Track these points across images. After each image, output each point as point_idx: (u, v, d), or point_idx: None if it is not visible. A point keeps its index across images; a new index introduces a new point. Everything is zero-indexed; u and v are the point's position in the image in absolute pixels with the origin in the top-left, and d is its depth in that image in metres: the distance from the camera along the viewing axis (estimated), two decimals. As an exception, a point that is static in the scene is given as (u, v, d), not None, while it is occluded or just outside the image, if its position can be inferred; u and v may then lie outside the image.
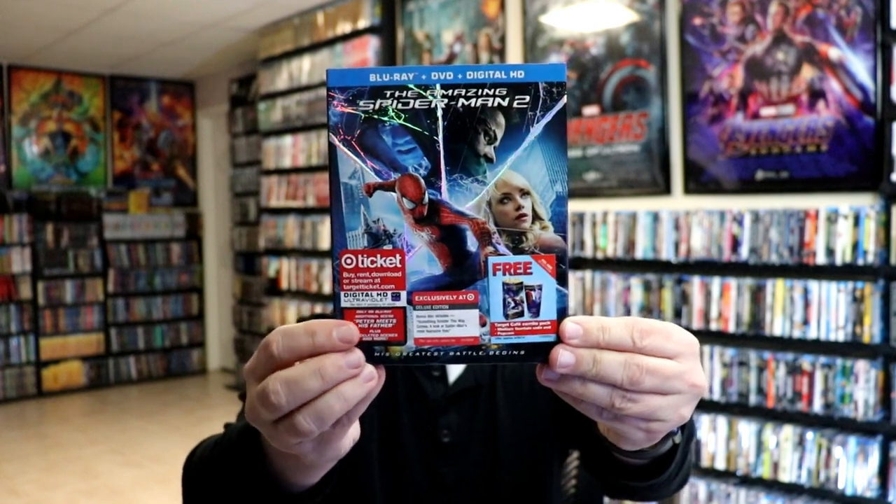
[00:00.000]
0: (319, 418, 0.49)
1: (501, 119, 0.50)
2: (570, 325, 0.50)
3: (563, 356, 0.49)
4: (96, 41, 5.59)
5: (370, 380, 0.50)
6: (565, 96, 0.50)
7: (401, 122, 0.50)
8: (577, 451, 1.10)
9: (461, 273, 0.51)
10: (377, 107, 0.50)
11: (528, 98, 0.50)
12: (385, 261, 0.51)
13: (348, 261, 0.51)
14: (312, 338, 0.49)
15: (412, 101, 0.50)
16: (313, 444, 0.52)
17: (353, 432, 0.56)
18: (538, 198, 0.50)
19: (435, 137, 0.50)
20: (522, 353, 0.51)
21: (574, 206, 3.43)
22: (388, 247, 0.51)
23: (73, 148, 6.62)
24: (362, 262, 0.51)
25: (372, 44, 4.38)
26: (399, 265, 0.51)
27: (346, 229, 0.51)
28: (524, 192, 0.50)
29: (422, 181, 0.50)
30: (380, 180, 0.50)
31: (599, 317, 0.51)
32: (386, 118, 0.50)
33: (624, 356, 0.50)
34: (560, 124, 0.50)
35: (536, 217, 0.50)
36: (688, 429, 0.73)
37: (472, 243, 0.51)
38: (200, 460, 0.78)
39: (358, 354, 0.49)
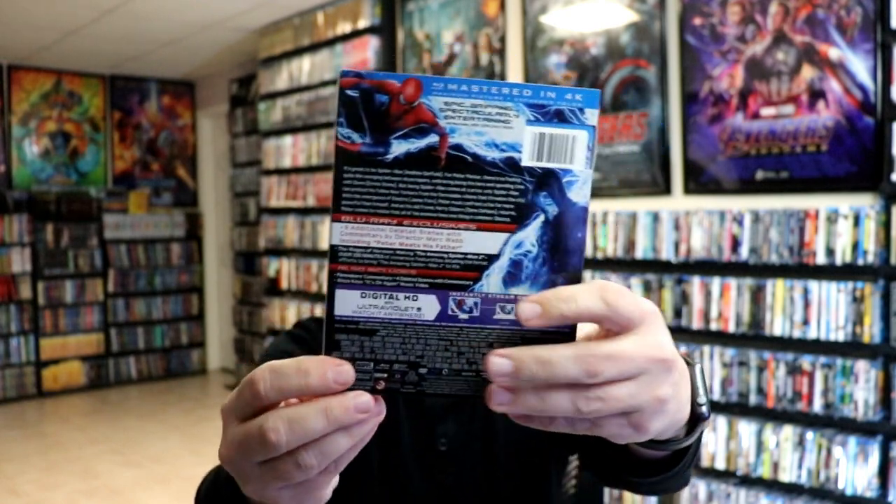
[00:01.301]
0: (323, 455, 0.45)
1: None
2: (526, 305, 0.45)
3: (496, 364, 0.45)
4: (96, 41, 5.59)
5: (378, 414, 0.47)
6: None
7: None
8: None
9: None
10: None
11: None
12: None
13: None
14: (305, 378, 0.45)
15: None
16: (293, 492, 0.48)
17: (335, 481, 0.52)
18: None
19: None
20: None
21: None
22: None
23: (73, 148, 6.62)
24: None
25: (372, 44, 4.38)
26: None
27: None
28: None
29: None
30: None
31: (558, 287, 0.47)
32: None
33: (574, 348, 0.45)
34: None
35: None
36: (706, 408, 0.62)
37: None
38: (204, 500, 0.79)
39: (366, 398, 0.46)
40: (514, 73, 3.75)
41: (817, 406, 2.62)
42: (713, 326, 2.88)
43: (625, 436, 0.50)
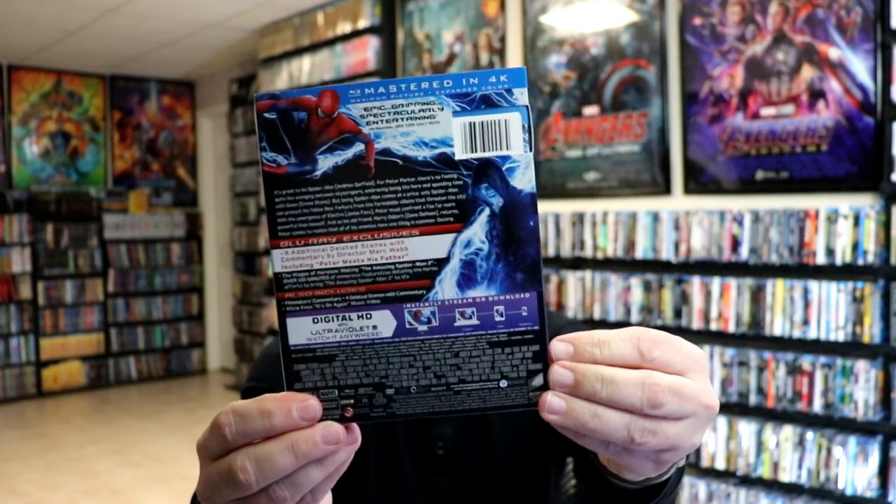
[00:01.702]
0: (296, 487, 0.45)
1: None
2: (559, 344, 0.45)
3: (558, 373, 0.44)
4: (96, 41, 5.59)
5: (353, 443, 0.45)
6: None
7: None
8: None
9: None
10: None
11: None
12: None
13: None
14: (269, 420, 0.44)
15: None
16: None
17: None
18: None
19: None
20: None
21: (574, 206, 3.43)
22: None
23: (73, 148, 6.62)
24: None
25: (372, 44, 4.38)
26: None
27: None
28: None
29: None
30: None
31: (593, 331, 0.46)
32: None
33: (640, 374, 0.44)
34: None
35: None
36: None
37: None
38: None
39: (334, 429, 0.44)
40: (514, 73, 3.75)
41: (817, 406, 2.62)
42: (713, 326, 2.87)
43: (643, 469, 0.48)
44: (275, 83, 5.11)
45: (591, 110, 3.38)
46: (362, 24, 4.41)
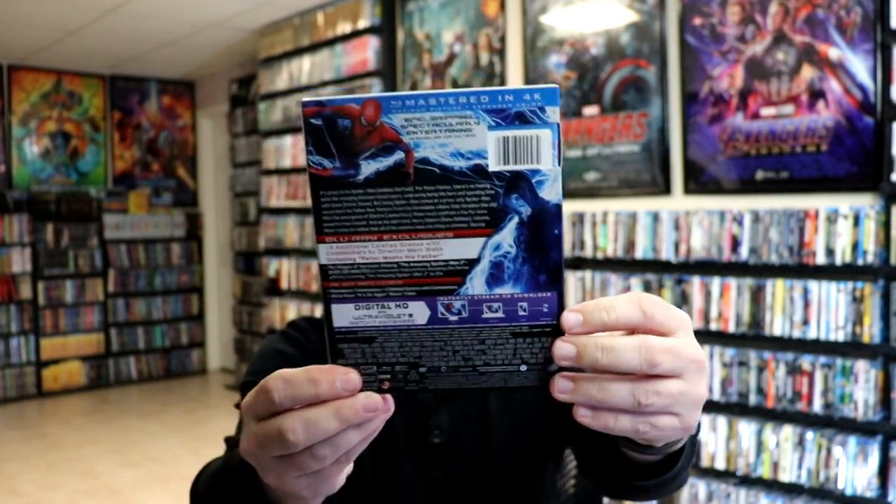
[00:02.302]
0: (336, 448, 0.50)
1: None
2: (569, 315, 0.49)
3: (560, 348, 0.48)
4: (96, 41, 5.59)
5: (388, 411, 0.51)
6: None
7: None
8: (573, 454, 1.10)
9: None
10: None
11: None
12: None
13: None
14: (315, 388, 0.49)
15: None
16: (309, 480, 0.53)
17: (348, 467, 0.57)
18: None
19: None
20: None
21: (574, 206, 3.43)
22: None
23: (73, 148, 6.62)
24: None
25: (372, 44, 4.38)
26: None
27: None
28: None
29: None
30: None
31: (598, 298, 0.50)
32: None
33: (636, 339, 0.48)
34: None
35: None
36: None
37: None
38: (206, 487, 0.80)
39: (374, 399, 0.50)
40: (514, 73, 3.75)
41: (817, 406, 2.62)
42: (713, 326, 2.87)
43: (674, 435, 0.53)
44: (275, 83, 5.11)
45: (591, 110, 3.38)
46: (362, 24, 4.41)
